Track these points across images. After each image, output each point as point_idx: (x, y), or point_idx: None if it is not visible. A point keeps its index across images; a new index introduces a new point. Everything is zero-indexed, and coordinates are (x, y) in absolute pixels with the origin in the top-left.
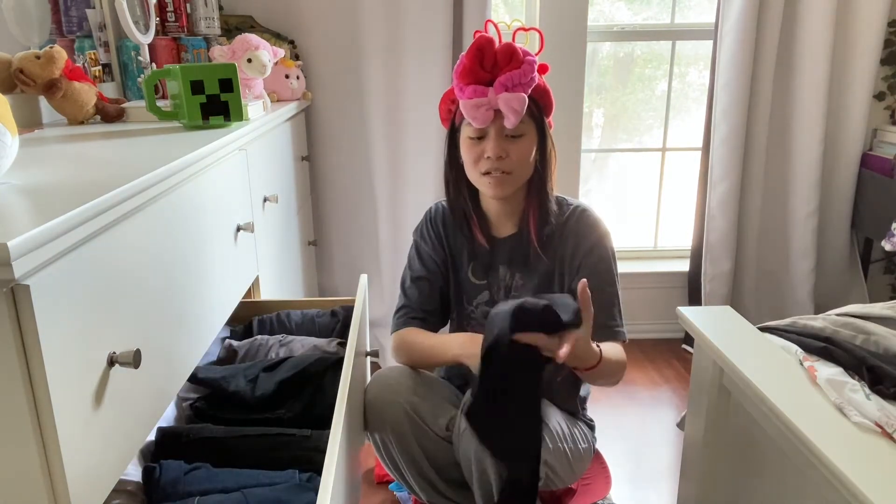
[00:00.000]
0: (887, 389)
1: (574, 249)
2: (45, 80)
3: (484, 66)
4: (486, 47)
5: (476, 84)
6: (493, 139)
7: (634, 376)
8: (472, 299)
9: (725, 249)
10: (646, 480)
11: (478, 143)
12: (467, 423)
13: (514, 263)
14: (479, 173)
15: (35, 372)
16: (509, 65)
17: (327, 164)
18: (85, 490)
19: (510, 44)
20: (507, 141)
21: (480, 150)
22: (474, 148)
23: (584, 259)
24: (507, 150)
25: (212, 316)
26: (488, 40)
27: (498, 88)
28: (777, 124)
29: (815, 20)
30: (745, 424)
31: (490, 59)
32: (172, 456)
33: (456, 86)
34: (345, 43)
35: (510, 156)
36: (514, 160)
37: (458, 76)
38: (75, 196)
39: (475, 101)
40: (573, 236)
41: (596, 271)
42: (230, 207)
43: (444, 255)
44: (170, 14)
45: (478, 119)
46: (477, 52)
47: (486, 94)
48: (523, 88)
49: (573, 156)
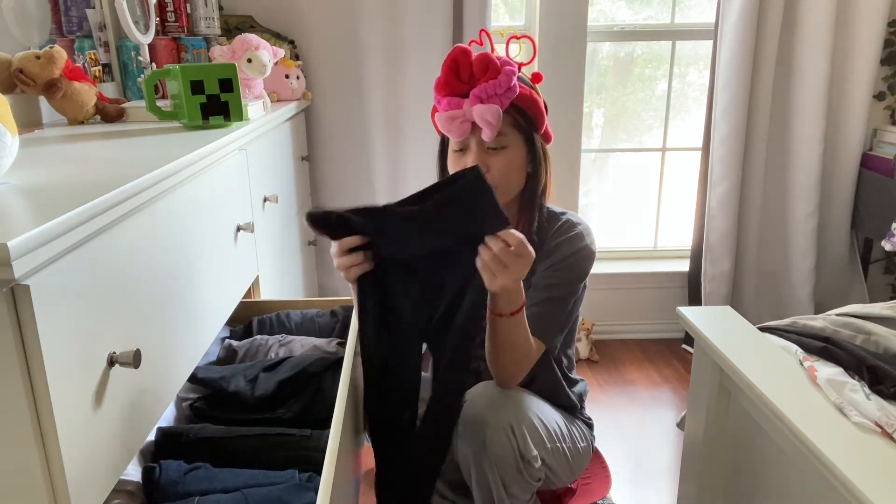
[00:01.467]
0: (887, 389)
1: (550, 264)
2: (45, 80)
3: (460, 77)
4: (461, 58)
5: (452, 96)
6: (473, 153)
7: (634, 376)
8: None
9: (725, 249)
10: (646, 480)
11: (461, 156)
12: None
13: None
14: None
15: (35, 372)
16: (485, 75)
17: (327, 164)
18: (85, 490)
19: (486, 54)
20: (489, 154)
21: (462, 164)
22: (457, 162)
23: (552, 265)
24: (488, 163)
25: (212, 316)
26: (463, 51)
27: (473, 100)
28: (777, 124)
29: (815, 20)
30: (745, 424)
31: (466, 71)
32: (172, 456)
33: (435, 97)
34: (345, 43)
35: (491, 169)
36: (496, 174)
37: (435, 89)
38: (75, 196)
39: (449, 113)
40: (555, 252)
41: (554, 280)
42: (230, 207)
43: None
44: (170, 14)
45: (453, 132)
46: (452, 64)
47: (460, 105)
48: (499, 100)
49: (573, 156)
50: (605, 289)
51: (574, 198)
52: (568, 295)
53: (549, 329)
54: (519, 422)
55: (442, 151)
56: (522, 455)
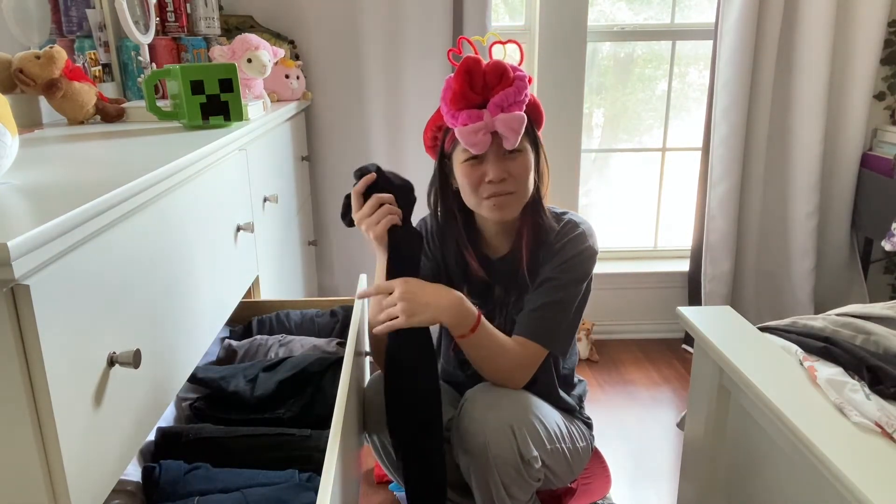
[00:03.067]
0: (887, 389)
1: (553, 266)
2: (45, 80)
3: (474, 88)
4: (475, 68)
5: (469, 109)
6: (492, 162)
7: (634, 376)
8: None
9: (725, 249)
10: (646, 480)
11: (476, 166)
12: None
13: (510, 284)
14: (479, 198)
15: (35, 372)
16: (500, 84)
17: (327, 164)
18: (85, 490)
19: (499, 62)
20: (507, 160)
21: (480, 174)
22: (473, 173)
23: (556, 266)
24: (508, 169)
25: (212, 316)
26: (475, 61)
27: (493, 110)
28: (777, 124)
29: (815, 20)
30: (745, 424)
31: (480, 81)
32: (172, 456)
33: (447, 113)
34: (345, 43)
35: (511, 175)
36: (517, 179)
37: (448, 103)
38: (75, 196)
39: (472, 126)
40: (559, 253)
41: (556, 282)
42: (230, 207)
43: (438, 268)
44: (170, 14)
45: (477, 146)
46: (466, 75)
47: (481, 117)
48: (519, 107)
49: (573, 156)
50: (605, 289)
51: (574, 198)
52: (571, 297)
53: (554, 335)
54: (519, 422)
55: (441, 169)
56: (523, 456)
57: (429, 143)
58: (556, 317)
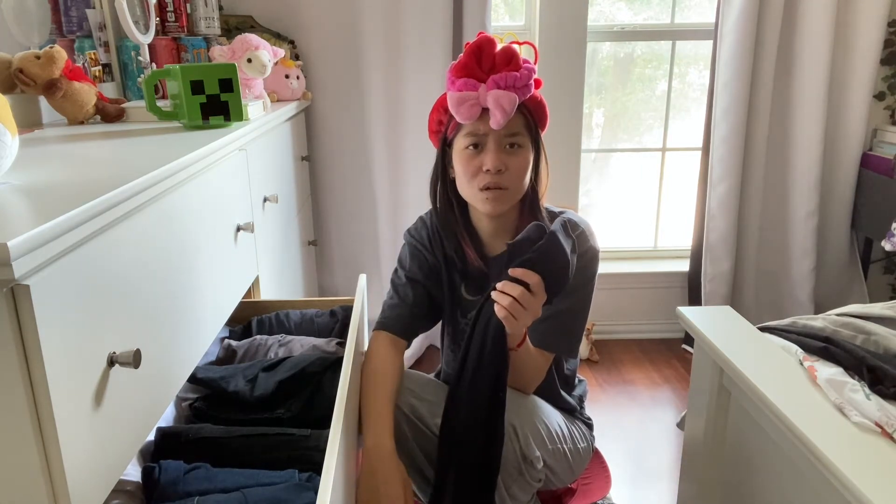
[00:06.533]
0: (887, 389)
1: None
2: (45, 80)
3: (481, 65)
4: (486, 47)
5: (468, 78)
6: (492, 151)
7: (634, 376)
8: (467, 313)
9: (725, 249)
10: (646, 480)
11: (475, 155)
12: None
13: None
14: (475, 189)
15: (35, 372)
16: (507, 67)
17: (327, 164)
18: (85, 490)
19: (511, 47)
20: (506, 153)
21: (478, 162)
22: (471, 161)
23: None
24: (507, 162)
25: (212, 316)
26: (489, 40)
27: (490, 85)
28: (777, 124)
29: (815, 20)
30: (745, 424)
31: (489, 60)
32: (172, 456)
33: (448, 80)
34: (345, 43)
35: (509, 169)
36: (513, 174)
37: (452, 71)
38: (75, 196)
39: (463, 94)
40: None
41: (572, 292)
42: (230, 207)
43: (437, 265)
44: (170, 14)
45: (461, 113)
46: (476, 50)
47: (476, 88)
48: (518, 92)
49: (573, 156)
50: (605, 289)
51: (574, 198)
52: (581, 301)
53: (571, 343)
54: (521, 423)
55: (442, 155)
56: (525, 456)
57: (433, 126)
58: (570, 324)
